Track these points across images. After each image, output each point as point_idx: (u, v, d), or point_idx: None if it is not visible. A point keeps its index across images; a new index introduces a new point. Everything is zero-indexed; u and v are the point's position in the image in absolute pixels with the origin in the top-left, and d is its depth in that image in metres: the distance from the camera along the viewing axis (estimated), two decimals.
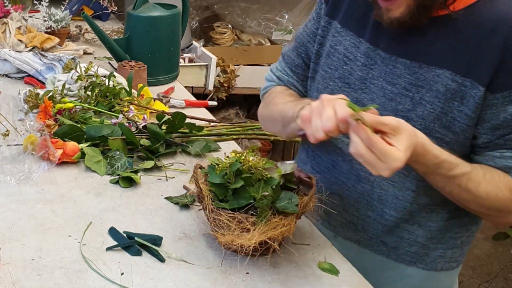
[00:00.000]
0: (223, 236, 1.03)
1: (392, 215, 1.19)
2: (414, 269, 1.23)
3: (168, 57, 1.93)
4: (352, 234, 1.25)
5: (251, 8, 3.42)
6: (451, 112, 1.08)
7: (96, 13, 2.51)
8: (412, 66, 1.10)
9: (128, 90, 1.60)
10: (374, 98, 1.15)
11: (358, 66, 1.17)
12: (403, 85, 1.11)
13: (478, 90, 1.05)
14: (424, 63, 1.09)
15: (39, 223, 1.14)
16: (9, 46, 1.99)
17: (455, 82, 1.06)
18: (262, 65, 3.33)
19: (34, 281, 0.98)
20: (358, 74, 1.17)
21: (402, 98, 1.11)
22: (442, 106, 1.08)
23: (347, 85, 1.19)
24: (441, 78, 1.07)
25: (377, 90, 1.15)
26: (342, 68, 1.20)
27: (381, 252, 1.23)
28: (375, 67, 1.15)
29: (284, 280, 1.05)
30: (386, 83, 1.13)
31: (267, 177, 1.06)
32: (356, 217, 1.23)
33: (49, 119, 1.45)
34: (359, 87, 1.17)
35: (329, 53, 1.23)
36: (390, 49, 1.13)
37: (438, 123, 1.09)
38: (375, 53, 1.15)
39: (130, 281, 1.00)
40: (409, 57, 1.11)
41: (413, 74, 1.10)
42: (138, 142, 1.40)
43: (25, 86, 1.78)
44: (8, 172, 1.27)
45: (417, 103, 1.10)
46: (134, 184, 1.30)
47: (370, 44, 1.16)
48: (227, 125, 1.63)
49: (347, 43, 1.20)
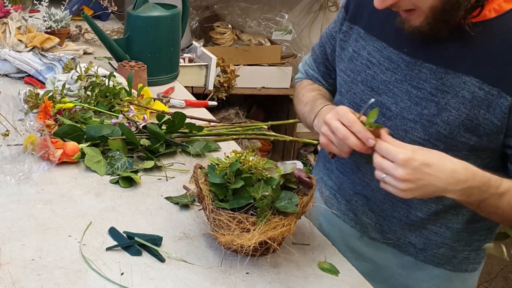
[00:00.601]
0: (223, 236, 1.03)
1: (418, 216, 1.20)
2: (442, 270, 1.24)
3: (168, 57, 1.93)
4: (379, 235, 1.26)
5: (251, 8, 3.42)
6: (476, 119, 1.08)
7: (96, 13, 2.51)
8: (438, 71, 1.11)
9: (128, 90, 1.60)
10: (398, 102, 1.16)
11: (382, 70, 1.19)
12: (429, 90, 1.12)
13: (506, 99, 1.05)
14: (451, 69, 1.09)
15: (39, 223, 1.14)
16: (9, 46, 1.99)
17: (482, 90, 1.06)
18: (262, 65, 3.33)
19: (34, 281, 0.98)
20: (382, 77, 1.18)
21: (428, 102, 1.12)
22: (467, 113, 1.08)
23: (369, 88, 1.20)
24: (467, 85, 1.07)
25: (401, 94, 1.15)
26: (365, 72, 1.21)
27: (409, 253, 1.24)
28: (398, 70, 1.16)
29: (284, 280, 1.05)
30: (411, 87, 1.14)
31: (267, 177, 1.06)
32: (382, 217, 1.24)
33: (49, 119, 1.45)
34: (383, 91, 1.18)
35: (352, 57, 1.25)
36: (415, 54, 1.14)
37: (463, 128, 1.09)
38: (398, 57, 1.16)
39: (130, 281, 1.00)
40: (435, 62, 1.11)
41: (439, 80, 1.10)
42: (138, 142, 1.40)
43: (25, 86, 1.78)
44: (8, 172, 1.27)
45: (442, 109, 1.10)
46: (134, 184, 1.30)
47: (393, 48, 1.17)
48: (227, 125, 1.62)
49: (370, 48, 1.21)
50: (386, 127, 1.16)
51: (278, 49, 3.34)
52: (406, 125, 1.14)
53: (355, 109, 1.21)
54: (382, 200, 1.22)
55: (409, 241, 1.23)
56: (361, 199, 1.26)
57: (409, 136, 1.14)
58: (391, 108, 1.17)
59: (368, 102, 1.10)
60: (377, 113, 1.07)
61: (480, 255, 1.25)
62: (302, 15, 3.54)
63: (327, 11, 3.54)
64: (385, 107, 1.17)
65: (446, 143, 1.11)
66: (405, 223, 1.22)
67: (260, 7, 3.44)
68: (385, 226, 1.24)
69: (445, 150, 1.10)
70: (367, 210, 1.26)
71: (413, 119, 1.13)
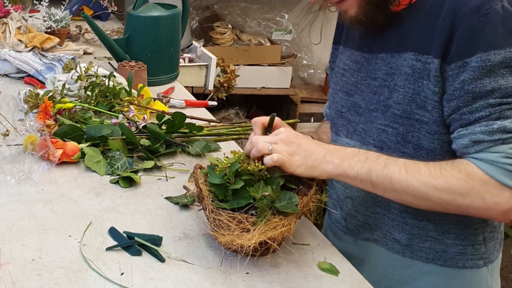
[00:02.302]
0: (223, 236, 1.03)
1: (396, 207, 1.20)
2: (433, 266, 1.22)
3: (168, 57, 1.93)
4: (369, 233, 1.27)
5: (251, 8, 3.43)
6: (423, 91, 1.10)
7: (96, 13, 2.51)
8: (386, 58, 1.17)
9: (128, 90, 1.60)
10: (365, 97, 1.22)
11: (352, 73, 1.26)
12: (382, 77, 1.18)
13: (434, 63, 1.08)
14: (395, 52, 1.15)
15: (39, 223, 1.14)
16: (9, 46, 1.99)
17: (419, 61, 1.10)
18: (262, 65, 3.33)
19: (34, 281, 0.98)
20: (352, 80, 1.25)
21: (382, 89, 1.17)
22: (413, 88, 1.11)
23: (346, 93, 1.27)
24: (407, 61, 1.12)
25: (366, 89, 1.22)
26: (341, 80, 1.29)
27: (396, 251, 1.24)
28: (362, 69, 1.23)
29: (284, 280, 1.05)
30: (371, 79, 1.21)
31: (267, 177, 1.06)
32: (367, 215, 1.25)
33: (49, 119, 1.45)
34: (354, 91, 1.25)
35: (335, 72, 1.33)
36: (371, 49, 1.21)
37: (414, 105, 1.12)
38: (361, 57, 1.24)
39: (130, 281, 1.00)
40: (384, 50, 1.18)
41: (387, 65, 1.17)
42: (138, 142, 1.40)
43: (25, 86, 1.78)
44: (8, 172, 1.27)
45: (393, 90, 1.15)
46: (134, 184, 1.30)
47: (357, 51, 1.25)
48: (227, 125, 1.62)
49: (345, 58, 1.30)
50: (360, 123, 1.24)
51: (278, 49, 3.35)
52: (371, 116, 1.20)
53: (339, 117, 1.30)
54: (363, 197, 1.24)
55: (394, 237, 1.23)
56: (349, 203, 1.27)
57: (375, 126, 1.19)
58: (361, 105, 1.23)
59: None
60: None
61: (479, 250, 1.21)
62: (302, 15, 3.54)
63: (327, 11, 3.54)
64: (357, 106, 1.24)
65: (404, 124, 1.14)
66: (387, 217, 1.22)
67: (260, 7, 3.44)
68: (372, 223, 1.25)
69: (406, 133, 1.14)
70: (353, 212, 1.27)
71: (374, 108, 1.19)
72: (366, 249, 1.28)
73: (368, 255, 1.27)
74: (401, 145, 1.15)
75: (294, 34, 3.47)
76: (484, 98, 1.03)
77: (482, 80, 1.03)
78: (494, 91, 1.02)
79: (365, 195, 1.24)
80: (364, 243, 1.28)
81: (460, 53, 1.04)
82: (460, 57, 1.04)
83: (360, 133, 1.23)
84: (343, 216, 1.30)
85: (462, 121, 1.06)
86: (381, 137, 1.18)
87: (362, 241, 1.28)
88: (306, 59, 3.63)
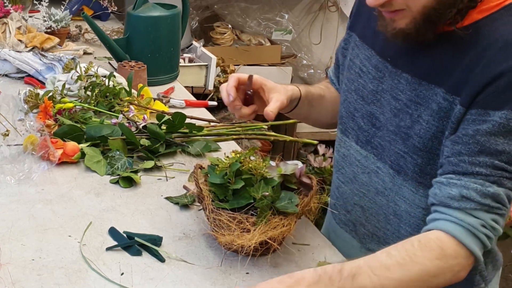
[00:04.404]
0: (223, 236, 1.03)
1: (407, 230, 1.17)
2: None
3: (168, 57, 1.93)
4: (376, 245, 1.23)
5: (251, 8, 3.42)
6: (446, 129, 1.04)
7: (96, 13, 2.50)
8: (412, 82, 1.08)
9: (128, 90, 1.60)
10: (384, 112, 1.14)
11: (370, 79, 1.17)
12: (405, 101, 1.09)
13: (459, 109, 1.01)
14: (424, 80, 1.06)
15: (39, 223, 1.14)
16: (9, 46, 1.99)
17: (446, 100, 1.03)
18: (262, 65, 3.33)
19: (34, 281, 0.98)
20: (370, 87, 1.17)
21: (404, 114, 1.09)
22: (437, 125, 1.05)
23: (361, 98, 1.19)
24: (436, 97, 1.05)
25: (386, 104, 1.14)
26: (357, 81, 1.20)
27: None
28: (384, 80, 1.14)
29: None
30: (392, 98, 1.12)
31: (268, 176, 1.06)
32: (378, 228, 1.22)
33: (49, 119, 1.45)
34: (371, 100, 1.17)
35: (349, 66, 1.24)
36: (396, 63, 1.12)
37: (436, 141, 1.06)
38: (383, 66, 1.14)
39: (130, 281, 1.00)
40: (411, 72, 1.08)
41: (413, 91, 1.08)
42: (138, 142, 1.40)
43: (25, 86, 1.78)
44: (8, 172, 1.27)
45: (415, 121, 1.07)
46: (134, 184, 1.30)
47: (379, 56, 1.16)
48: (227, 125, 1.62)
49: (362, 56, 1.20)
50: (376, 136, 1.16)
51: (278, 49, 3.34)
52: (389, 137, 1.13)
53: (350, 118, 1.22)
54: (376, 211, 1.21)
55: None
56: (359, 210, 1.25)
57: (392, 148, 1.12)
58: (379, 119, 1.16)
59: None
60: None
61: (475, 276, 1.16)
62: (302, 15, 3.54)
63: (327, 11, 3.54)
64: (374, 117, 1.17)
65: (423, 157, 1.08)
66: (397, 237, 1.19)
67: (260, 7, 3.44)
68: (380, 237, 1.22)
69: (425, 164, 1.08)
70: (363, 221, 1.24)
71: (393, 131, 1.12)
72: None
73: None
74: (418, 176, 1.10)
75: (294, 34, 3.47)
76: (490, 156, 0.97)
77: (497, 137, 0.96)
78: (502, 153, 0.96)
79: (378, 208, 1.20)
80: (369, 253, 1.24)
81: (487, 103, 0.97)
82: (485, 107, 0.97)
83: (376, 147, 1.17)
84: (351, 220, 1.27)
85: (457, 168, 0.99)
86: (399, 162, 1.12)
87: (367, 250, 1.25)
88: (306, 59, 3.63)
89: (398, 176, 1.13)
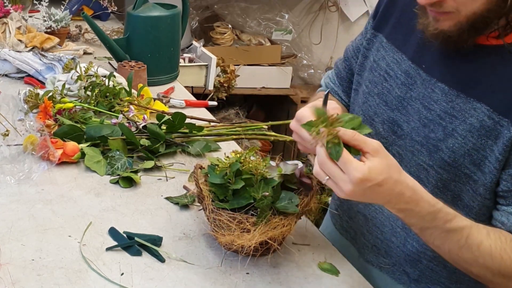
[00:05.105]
0: (223, 236, 1.03)
1: (414, 246, 1.15)
2: None
3: (168, 57, 1.93)
4: (374, 258, 1.22)
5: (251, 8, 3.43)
6: (483, 150, 1.00)
7: (96, 13, 2.50)
8: (449, 93, 1.04)
9: (128, 90, 1.60)
10: (409, 121, 1.10)
11: (398, 85, 1.13)
12: (438, 112, 1.05)
13: (509, 131, 0.97)
14: (463, 93, 1.02)
15: (39, 223, 1.14)
16: (9, 46, 1.99)
17: (491, 119, 0.99)
18: (262, 65, 3.33)
19: (34, 281, 0.98)
20: (397, 92, 1.13)
21: (436, 126, 1.05)
22: (474, 142, 1.01)
23: (384, 102, 1.15)
24: (477, 112, 1.00)
25: (413, 113, 1.09)
26: (381, 84, 1.16)
27: (402, 281, 1.19)
28: (414, 87, 1.10)
29: (284, 280, 1.05)
30: (423, 107, 1.08)
31: (268, 176, 1.06)
32: (380, 240, 1.20)
33: (49, 119, 1.45)
34: (396, 107, 1.13)
35: (372, 67, 1.19)
36: (431, 71, 1.07)
37: (468, 159, 1.02)
38: (416, 73, 1.10)
39: (130, 281, 1.00)
40: (448, 83, 1.04)
41: (449, 102, 1.04)
42: (138, 142, 1.40)
43: (25, 86, 1.78)
44: (8, 172, 1.27)
45: (449, 134, 1.03)
46: (134, 184, 1.30)
47: (412, 62, 1.11)
48: (227, 125, 1.62)
49: (389, 58, 1.15)
50: (395, 145, 1.12)
51: (278, 49, 3.34)
52: (413, 147, 1.09)
53: (368, 122, 1.17)
54: (382, 222, 1.18)
55: (404, 269, 1.18)
56: (361, 218, 1.22)
57: (415, 159, 1.09)
58: (403, 127, 1.11)
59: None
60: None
61: None
62: (302, 15, 3.54)
63: (327, 11, 3.55)
64: (397, 125, 1.12)
65: (450, 172, 1.05)
66: (401, 251, 1.17)
67: (260, 7, 3.44)
68: (382, 249, 1.20)
69: (449, 181, 1.05)
70: (365, 231, 1.22)
71: (420, 142, 1.08)
72: (365, 269, 1.22)
73: (370, 277, 1.19)
74: (439, 191, 1.06)
75: (294, 34, 3.47)
76: None
77: None
78: None
79: (384, 219, 1.17)
80: (365, 264, 1.23)
81: None
82: None
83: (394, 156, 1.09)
84: (353, 228, 1.25)
85: None
86: (419, 175, 1.08)
87: (364, 262, 1.24)
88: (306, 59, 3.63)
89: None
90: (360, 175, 0.86)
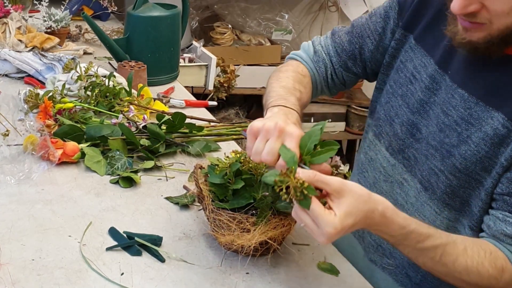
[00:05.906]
0: (223, 236, 1.03)
1: None
2: None
3: (168, 57, 1.93)
4: (379, 258, 1.22)
5: (251, 8, 3.42)
6: (496, 157, 1.00)
7: (96, 13, 2.50)
8: (468, 100, 1.03)
9: (128, 90, 1.60)
10: (429, 125, 1.10)
11: (422, 88, 1.12)
12: (455, 118, 1.05)
13: None
14: (482, 101, 1.01)
15: (39, 223, 1.14)
16: (9, 46, 1.99)
17: (505, 128, 0.98)
18: (262, 65, 3.33)
19: (34, 281, 0.98)
20: (420, 96, 1.12)
21: (451, 132, 1.05)
22: (487, 150, 1.01)
23: (406, 104, 1.14)
24: (493, 121, 0.99)
25: (433, 118, 1.09)
26: (406, 86, 1.15)
27: (404, 284, 1.19)
28: (438, 93, 1.09)
29: (284, 280, 1.05)
30: (442, 112, 1.07)
31: None
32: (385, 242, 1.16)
33: (49, 119, 1.45)
34: (417, 110, 1.12)
35: (398, 68, 1.18)
36: (455, 78, 1.06)
37: (480, 166, 1.02)
38: (441, 78, 1.09)
39: (130, 281, 1.00)
40: (469, 90, 1.03)
41: (467, 109, 1.03)
42: (138, 142, 1.40)
43: (25, 86, 1.78)
44: (8, 172, 1.27)
45: (463, 141, 1.03)
46: (134, 184, 1.30)
47: (439, 67, 1.10)
48: (227, 125, 1.62)
49: (417, 61, 1.14)
50: (412, 148, 1.11)
51: (278, 49, 3.34)
52: (428, 151, 1.09)
53: (388, 123, 1.16)
54: None
55: (406, 272, 1.18)
56: None
57: (428, 163, 1.09)
58: (422, 131, 1.11)
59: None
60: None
61: None
62: (302, 15, 3.54)
63: (327, 11, 3.54)
64: (416, 128, 1.12)
65: (460, 179, 1.04)
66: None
67: (260, 7, 3.44)
68: (386, 250, 1.20)
69: (459, 187, 1.04)
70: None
71: (434, 146, 1.07)
72: (369, 269, 1.23)
73: (370, 277, 1.18)
74: (448, 197, 1.07)
75: (294, 34, 3.47)
76: None
77: None
78: None
79: None
80: (369, 264, 1.24)
81: None
82: None
83: (408, 158, 1.13)
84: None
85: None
86: (430, 179, 1.08)
87: (369, 261, 1.24)
88: None
89: (425, 192, 1.10)
90: (332, 230, 0.85)
